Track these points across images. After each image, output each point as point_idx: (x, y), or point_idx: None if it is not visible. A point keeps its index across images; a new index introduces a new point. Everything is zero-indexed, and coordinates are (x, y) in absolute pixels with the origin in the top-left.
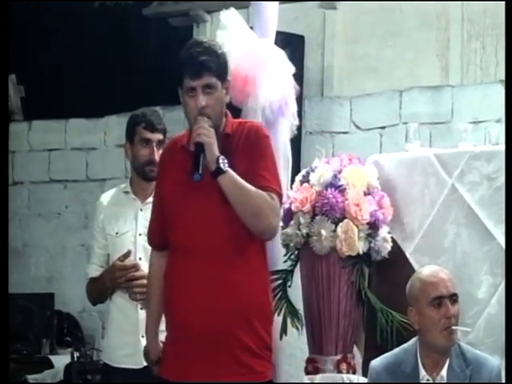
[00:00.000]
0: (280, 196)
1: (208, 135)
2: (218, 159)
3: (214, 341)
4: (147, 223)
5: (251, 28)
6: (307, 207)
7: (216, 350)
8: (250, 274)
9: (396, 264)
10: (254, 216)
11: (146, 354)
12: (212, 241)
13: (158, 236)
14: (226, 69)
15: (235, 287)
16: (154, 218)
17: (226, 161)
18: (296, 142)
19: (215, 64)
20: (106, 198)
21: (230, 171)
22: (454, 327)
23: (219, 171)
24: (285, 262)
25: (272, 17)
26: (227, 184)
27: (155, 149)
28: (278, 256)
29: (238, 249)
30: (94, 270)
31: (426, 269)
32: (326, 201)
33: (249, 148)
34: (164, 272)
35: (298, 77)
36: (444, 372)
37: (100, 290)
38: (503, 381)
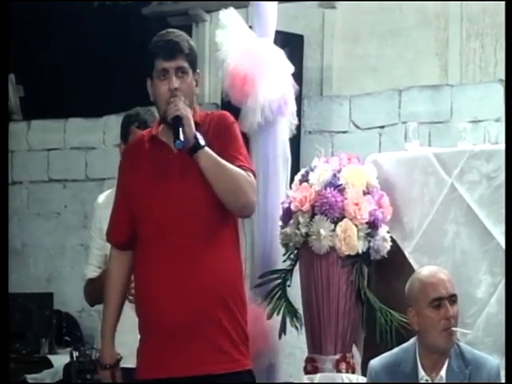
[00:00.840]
0: (255, 176)
1: (186, 110)
2: (195, 135)
3: (192, 328)
4: None
5: (250, 27)
6: (306, 207)
7: (195, 338)
8: (224, 260)
9: (395, 263)
10: (233, 191)
11: (100, 359)
12: (185, 229)
13: (122, 233)
14: (196, 59)
15: (210, 272)
16: (117, 214)
17: (202, 137)
18: (295, 142)
19: (188, 49)
20: (102, 198)
21: (207, 147)
22: (453, 328)
23: (198, 146)
24: (284, 261)
25: (271, 16)
26: (205, 159)
27: None
28: (278, 255)
29: (211, 235)
30: (92, 271)
31: (425, 269)
32: (325, 200)
33: (218, 135)
34: (133, 267)
35: (298, 76)
36: (443, 372)
37: (99, 291)
38: (502, 380)
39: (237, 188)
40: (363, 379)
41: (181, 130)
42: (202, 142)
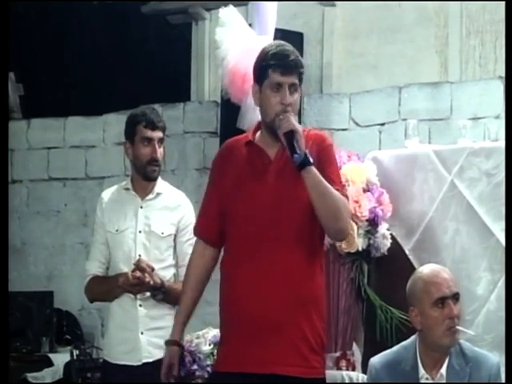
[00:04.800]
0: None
1: (298, 126)
2: (305, 152)
3: (274, 327)
4: (147, 221)
5: (250, 25)
6: None
7: (275, 338)
8: (311, 270)
9: (395, 261)
10: (333, 213)
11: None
12: (275, 233)
13: (212, 229)
14: (303, 75)
15: (295, 277)
16: (208, 211)
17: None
18: None
19: (302, 66)
20: (107, 194)
21: (313, 166)
22: (457, 327)
23: (307, 162)
24: None
25: (271, 14)
26: (311, 176)
27: (156, 147)
28: None
29: (300, 242)
30: (97, 267)
31: (427, 268)
32: None
33: (317, 154)
34: (222, 267)
35: None
36: (443, 370)
37: (108, 291)
38: (503, 378)
39: (337, 211)
40: (363, 377)
41: (296, 144)
42: (310, 159)
